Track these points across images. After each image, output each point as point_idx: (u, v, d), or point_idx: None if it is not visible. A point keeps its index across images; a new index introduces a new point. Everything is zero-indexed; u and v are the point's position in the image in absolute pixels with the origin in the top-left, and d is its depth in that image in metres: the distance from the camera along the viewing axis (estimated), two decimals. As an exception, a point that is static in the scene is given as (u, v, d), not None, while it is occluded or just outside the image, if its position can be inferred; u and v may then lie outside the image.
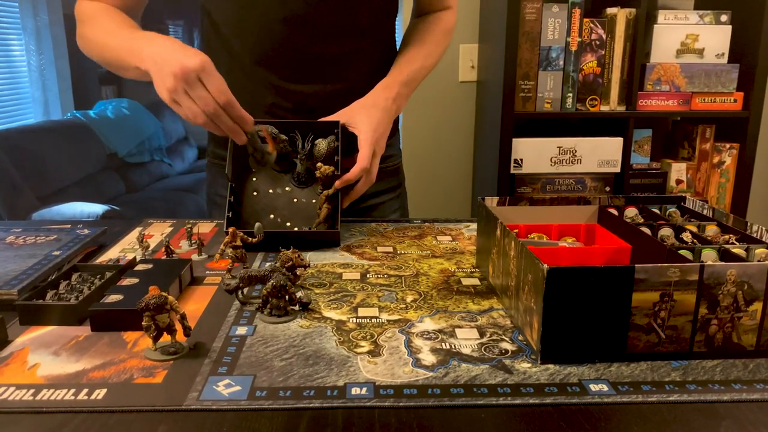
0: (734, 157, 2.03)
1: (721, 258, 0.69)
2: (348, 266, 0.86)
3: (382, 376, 0.56)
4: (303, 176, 0.99)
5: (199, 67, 0.84)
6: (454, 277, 0.82)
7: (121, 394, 0.53)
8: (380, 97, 1.01)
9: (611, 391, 0.54)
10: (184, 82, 0.84)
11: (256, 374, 0.56)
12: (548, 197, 0.87)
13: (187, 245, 0.94)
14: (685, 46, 1.94)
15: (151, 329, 0.59)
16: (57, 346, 0.62)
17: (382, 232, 1.03)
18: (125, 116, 4.00)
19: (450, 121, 2.36)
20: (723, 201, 2.08)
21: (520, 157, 1.97)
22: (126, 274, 0.76)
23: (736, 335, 0.59)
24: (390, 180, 1.21)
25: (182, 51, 0.86)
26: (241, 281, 0.71)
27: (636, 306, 0.57)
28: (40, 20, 3.66)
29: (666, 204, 0.88)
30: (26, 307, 0.67)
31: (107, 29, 0.98)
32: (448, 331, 0.65)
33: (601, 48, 1.93)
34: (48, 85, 3.80)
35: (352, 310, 0.71)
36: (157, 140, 4.26)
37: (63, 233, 0.93)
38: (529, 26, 1.90)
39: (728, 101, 1.97)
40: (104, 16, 1.00)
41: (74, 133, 3.43)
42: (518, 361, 0.59)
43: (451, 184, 2.43)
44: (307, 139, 0.98)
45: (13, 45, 3.63)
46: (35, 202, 2.87)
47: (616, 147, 1.98)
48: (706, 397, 0.53)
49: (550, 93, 1.95)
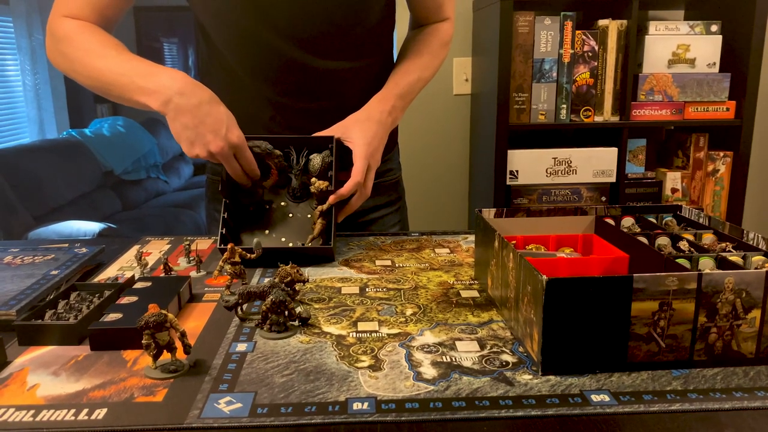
0: (728, 165, 2.05)
1: (719, 266, 0.69)
2: (347, 280, 0.86)
3: (384, 391, 0.56)
4: (298, 191, 0.99)
5: (237, 144, 0.89)
6: (453, 290, 0.82)
7: (122, 414, 0.53)
8: (375, 111, 1.01)
9: (613, 402, 0.54)
10: (221, 157, 0.89)
11: (257, 391, 0.56)
12: (545, 208, 0.88)
13: (185, 262, 0.93)
14: (677, 56, 1.96)
15: (151, 347, 0.59)
16: (56, 366, 0.62)
17: (380, 245, 1.03)
18: (121, 134, 4.00)
19: (445, 134, 2.37)
20: (718, 209, 2.09)
21: (516, 169, 1.98)
22: (125, 292, 0.75)
23: (736, 343, 0.59)
24: (389, 194, 1.21)
25: (218, 121, 0.88)
26: (240, 297, 0.71)
27: (635, 315, 0.57)
28: (35, 40, 3.68)
29: (662, 213, 0.89)
30: (25, 327, 0.66)
31: (99, 53, 0.95)
32: (448, 344, 0.65)
33: (593, 59, 1.94)
34: (43, 104, 3.81)
35: (352, 325, 0.71)
36: (152, 157, 4.26)
37: (61, 252, 0.93)
38: (522, 39, 1.91)
39: (721, 110, 1.98)
40: (87, 35, 0.96)
41: (70, 151, 3.43)
42: (519, 372, 0.59)
43: (447, 196, 2.43)
44: (302, 154, 0.98)
45: (8, 65, 3.64)
46: (31, 221, 2.86)
47: (611, 157, 1.99)
48: (708, 406, 0.53)
49: (544, 105, 1.96)
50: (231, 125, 0.89)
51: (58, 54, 0.99)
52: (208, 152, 0.89)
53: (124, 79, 0.91)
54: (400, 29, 1.23)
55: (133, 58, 0.94)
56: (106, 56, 0.94)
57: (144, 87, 0.90)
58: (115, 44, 0.97)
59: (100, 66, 0.94)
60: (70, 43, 0.97)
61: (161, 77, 0.90)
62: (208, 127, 0.88)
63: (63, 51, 0.97)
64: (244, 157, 0.91)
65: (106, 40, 0.97)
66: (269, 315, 0.68)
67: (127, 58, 0.94)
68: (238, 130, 0.90)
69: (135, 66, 0.92)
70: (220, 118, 0.89)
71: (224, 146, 0.88)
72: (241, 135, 0.90)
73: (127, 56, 0.94)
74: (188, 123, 0.88)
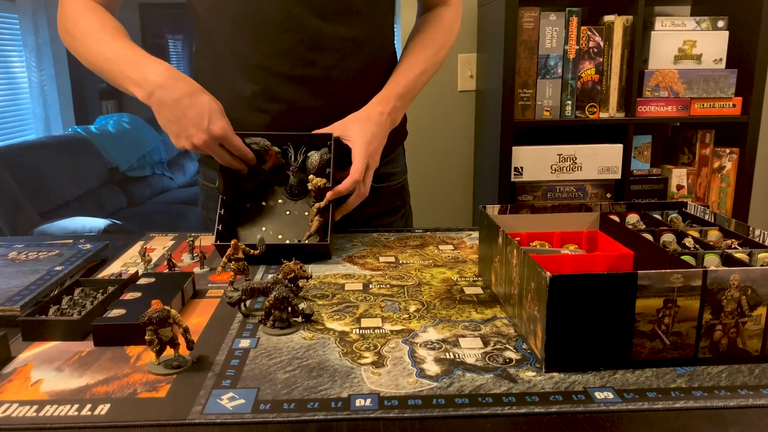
0: (734, 161, 2.03)
1: (724, 263, 0.69)
2: (350, 277, 0.86)
3: (386, 387, 0.56)
4: (296, 189, 0.99)
5: (221, 135, 0.89)
6: (457, 287, 0.81)
7: (125, 409, 0.53)
8: (374, 112, 1.00)
9: (617, 399, 0.53)
10: (206, 148, 0.89)
11: (260, 387, 0.56)
12: (549, 205, 0.87)
13: (189, 258, 0.94)
14: (683, 52, 1.95)
15: (154, 343, 0.59)
16: (60, 362, 0.62)
17: (383, 242, 1.03)
18: (126, 130, 4.01)
19: (450, 131, 2.36)
20: (724, 206, 2.08)
21: (521, 165, 1.97)
22: (128, 288, 0.75)
23: (741, 340, 0.59)
24: (394, 200, 1.19)
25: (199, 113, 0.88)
26: (244, 294, 0.71)
27: (640, 312, 0.57)
28: (41, 37, 3.69)
29: (667, 210, 0.88)
30: (29, 322, 0.67)
31: (96, 37, 0.96)
32: (451, 341, 0.65)
33: (599, 55, 1.93)
34: (49, 100, 3.82)
35: (355, 321, 0.71)
36: (157, 154, 4.27)
37: (65, 248, 0.93)
38: (527, 35, 1.90)
39: (727, 106, 1.97)
40: (90, 17, 0.97)
41: (75, 148, 3.44)
42: (523, 369, 0.59)
43: (451, 193, 2.43)
44: (300, 151, 0.98)
45: (14, 61, 3.65)
46: (37, 217, 2.87)
47: (616, 153, 1.98)
48: (713, 404, 0.53)
49: (549, 101, 1.95)
50: (214, 117, 0.89)
51: (63, 31, 1.01)
52: (192, 145, 0.89)
53: (114, 66, 0.93)
54: (404, 22, 1.22)
55: (125, 46, 0.94)
56: (101, 41, 0.95)
57: (130, 77, 0.91)
58: (112, 28, 0.97)
59: (96, 50, 0.95)
60: (75, 23, 0.98)
61: (145, 69, 0.90)
62: (190, 121, 0.88)
63: (69, 30, 0.99)
64: (232, 146, 0.91)
65: (106, 23, 0.97)
66: (272, 311, 0.68)
67: (119, 45, 0.94)
68: (222, 121, 0.89)
69: (125, 54, 0.93)
70: (202, 111, 0.88)
71: (207, 138, 0.88)
72: (226, 125, 0.89)
73: (120, 43, 0.94)
74: (170, 116, 0.89)
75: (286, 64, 1.00)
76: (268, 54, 0.99)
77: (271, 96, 1.02)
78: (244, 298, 0.71)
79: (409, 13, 1.43)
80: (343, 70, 1.02)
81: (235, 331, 0.68)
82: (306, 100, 1.02)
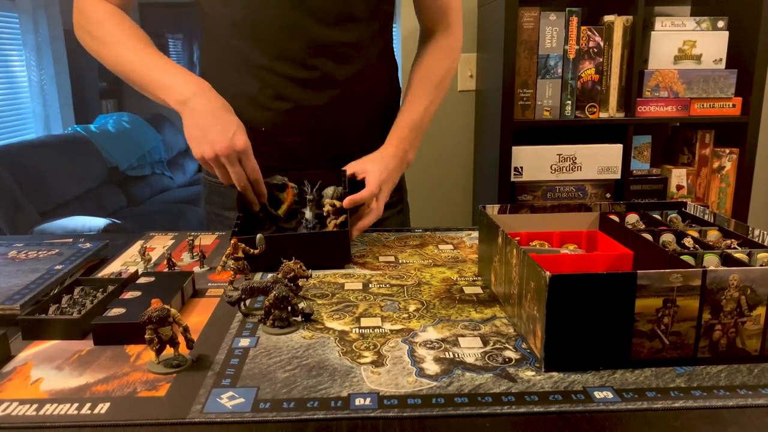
0: (734, 161, 2.03)
1: (724, 263, 0.69)
2: (350, 276, 0.86)
3: (386, 387, 0.56)
4: (311, 223, 0.98)
5: (243, 149, 0.91)
6: (457, 286, 0.82)
7: (125, 408, 0.53)
8: (387, 154, 1.04)
9: (616, 398, 0.53)
10: (226, 159, 0.91)
11: (260, 386, 0.56)
12: (549, 205, 0.87)
13: (188, 258, 0.94)
14: (683, 52, 1.95)
15: (154, 342, 0.59)
16: (60, 361, 0.62)
17: (383, 241, 1.03)
18: (126, 130, 4.01)
19: (449, 130, 2.36)
20: (724, 206, 2.08)
21: (520, 165, 1.97)
22: (128, 287, 0.76)
23: (740, 340, 0.59)
24: (392, 196, 1.20)
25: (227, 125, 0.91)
26: (244, 293, 0.71)
27: (639, 312, 0.57)
28: (41, 36, 3.68)
29: (667, 210, 0.88)
30: (29, 321, 0.67)
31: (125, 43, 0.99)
32: (451, 340, 0.65)
33: (599, 55, 1.93)
34: (49, 100, 3.81)
35: (355, 321, 0.71)
36: (157, 153, 4.27)
37: (65, 247, 0.93)
38: (526, 35, 1.90)
39: (727, 106, 1.97)
40: (117, 22, 1.01)
41: (75, 147, 3.44)
42: (522, 369, 0.59)
43: (451, 192, 2.43)
44: (315, 187, 1.00)
45: (13, 61, 3.65)
46: (37, 216, 2.87)
47: (616, 153, 1.98)
48: (712, 403, 0.53)
49: (549, 101, 1.95)
50: (239, 132, 0.92)
51: (85, 34, 1.03)
52: (213, 152, 0.90)
53: (144, 72, 0.97)
54: (404, 23, 1.22)
55: (155, 54, 0.99)
56: (133, 48, 0.99)
57: (163, 84, 0.95)
58: (143, 37, 1.01)
59: (124, 55, 0.99)
60: (101, 26, 1.01)
61: (180, 78, 0.95)
62: (216, 129, 0.91)
63: (93, 33, 1.02)
64: (249, 164, 0.93)
65: (136, 32, 1.02)
66: (272, 310, 0.68)
67: (149, 53, 0.99)
68: (245, 137, 0.92)
69: (155, 62, 0.97)
70: (230, 124, 0.92)
71: (229, 148, 0.90)
72: (248, 142, 0.92)
73: (150, 50, 0.99)
74: (201, 123, 0.91)
75: (288, 67, 1.02)
76: (270, 57, 1.02)
77: (275, 95, 1.04)
78: (244, 297, 0.72)
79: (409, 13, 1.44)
80: (345, 73, 1.04)
81: (234, 331, 0.68)
82: (309, 99, 1.04)
